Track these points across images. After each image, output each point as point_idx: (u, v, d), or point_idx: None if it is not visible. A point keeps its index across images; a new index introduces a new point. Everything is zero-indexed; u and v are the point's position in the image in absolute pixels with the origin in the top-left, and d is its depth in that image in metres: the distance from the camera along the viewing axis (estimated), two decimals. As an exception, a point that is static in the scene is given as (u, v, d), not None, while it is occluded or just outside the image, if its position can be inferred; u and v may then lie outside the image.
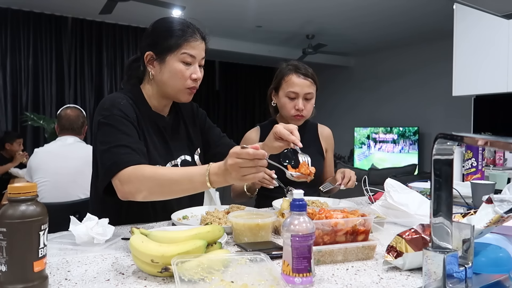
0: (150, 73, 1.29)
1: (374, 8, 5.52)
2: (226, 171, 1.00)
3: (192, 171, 1.07)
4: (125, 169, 1.11)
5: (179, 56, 1.25)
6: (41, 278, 0.73)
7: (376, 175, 4.68)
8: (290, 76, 1.71)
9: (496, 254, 0.86)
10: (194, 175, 1.06)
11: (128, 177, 1.10)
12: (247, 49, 7.63)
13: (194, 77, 1.27)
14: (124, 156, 1.13)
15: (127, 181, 1.10)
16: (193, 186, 1.07)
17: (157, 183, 1.09)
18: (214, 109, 9.27)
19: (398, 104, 7.93)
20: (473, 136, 0.65)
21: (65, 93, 6.28)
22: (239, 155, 0.97)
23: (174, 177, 1.08)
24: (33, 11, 5.95)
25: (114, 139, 1.16)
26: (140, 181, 1.09)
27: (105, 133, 1.18)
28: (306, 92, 1.70)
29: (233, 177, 1.00)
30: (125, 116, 1.20)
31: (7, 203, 0.72)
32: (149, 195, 1.11)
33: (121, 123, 1.19)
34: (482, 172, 1.92)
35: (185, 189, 1.09)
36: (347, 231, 0.93)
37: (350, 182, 1.61)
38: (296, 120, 1.74)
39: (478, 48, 3.74)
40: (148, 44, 1.28)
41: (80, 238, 1.03)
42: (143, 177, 1.09)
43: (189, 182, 1.07)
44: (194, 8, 5.54)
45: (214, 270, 0.76)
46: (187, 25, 1.28)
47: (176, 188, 1.09)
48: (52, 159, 2.49)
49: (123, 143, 1.15)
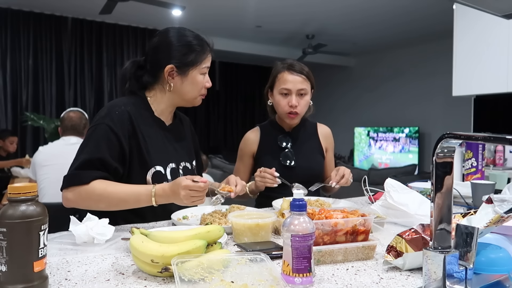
0: (168, 84, 1.35)
1: (374, 8, 5.52)
2: (174, 195, 1.17)
3: (139, 191, 1.21)
4: (80, 186, 1.21)
5: (200, 69, 1.36)
6: (41, 278, 0.73)
7: (376, 175, 4.69)
8: (282, 73, 1.70)
9: (496, 254, 0.86)
10: (141, 195, 1.20)
11: (79, 193, 1.21)
12: (247, 49, 7.63)
13: (208, 86, 1.41)
14: (85, 173, 1.21)
15: (78, 196, 1.21)
16: (139, 204, 1.22)
17: (107, 202, 1.22)
18: (214, 109, 9.27)
19: (398, 104, 7.94)
20: (480, 135, 0.65)
21: (65, 93, 6.28)
22: (191, 188, 1.14)
23: (122, 196, 1.21)
24: (33, 11, 5.95)
25: (90, 149, 1.24)
26: (90, 199, 1.21)
27: (88, 139, 1.27)
28: (299, 88, 1.68)
29: (184, 203, 1.17)
30: (113, 129, 1.26)
31: (7, 203, 0.72)
32: (96, 209, 1.23)
33: (104, 136, 1.25)
34: (482, 172, 1.92)
35: (131, 206, 1.23)
36: (347, 231, 0.93)
37: (343, 180, 1.57)
38: (291, 118, 1.72)
39: (478, 48, 3.74)
40: (167, 58, 1.34)
41: (80, 238, 1.03)
42: (94, 194, 1.20)
43: (135, 201, 1.22)
44: (194, 8, 5.54)
45: (214, 270, 0.76)
46: (201, 38, 1.39)
47: (123, 206, 1.23)
48: (56, 156, 2.60)
49: (95, 156, 1.23)
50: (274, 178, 1.55)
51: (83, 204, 1.22)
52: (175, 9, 5.17)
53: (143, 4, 4.78)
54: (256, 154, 1.80)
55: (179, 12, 5.49)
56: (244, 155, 1.82)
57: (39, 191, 2.57)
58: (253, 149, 1.80)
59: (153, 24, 6.65)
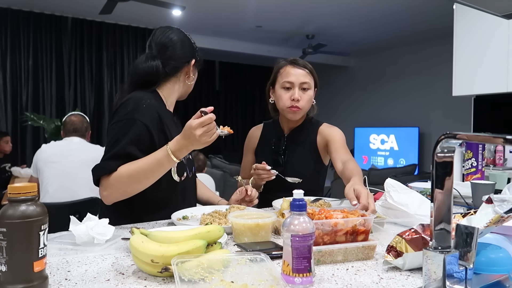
0: (188, 77, 1.46)
1: (374, 8, 5.52)
2: (189, 140, 1.18)
3: (157, 156, 1.22)
4: (108, 177, 1.23)
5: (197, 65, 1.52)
6: (41, 278, 0.73)
7: (376, 175, 4.69)
8: (285, 68, 1.66)
9: (496, 254, 0.86)
10: (160, 158, 1.21)
11: (110, 184, 1.22)
12: (247, 49, 7.63)
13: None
14: (110, 162, 1.23)
15: (110, 187, 1.23)
16: (164, 167, 1.24)
17: (137, 179, 1.23)
18: (214, 109, 9.25)
19: (398, 104, 7.94)
20: (479, 135, 0.65)
21: (65, 93, 6.28)
22: (203, 123, 1.15)
23: (146, 167, 1.22)
24: (33, 11, 5.95)
25: (120, 144, 1.25)
26: (122, 184, 1.22)
27: (118, 134, 1.27)
28: (301, 82, 1.63)
29: (201, 143, 1.18)
30: (144, 123, 1.28)
31: (7, 203, 0.72)
32: (133, 192, 1.25)
33: (135, 131, 1.26)
34: (482, 172, 1.92)
35: (159, 173, 1.24)
36: (347, 231, 0.94)
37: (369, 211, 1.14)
38: (293, 113, 1.65)
39: (478, 48, 3.73)
40: (191, 52, 1.46)
41: (80, 238, 1.03)
42: (123, 178, 1.22)
43: (159, 166, 1.22)
44: (194, 8, 5.54)
45: (214, 270, 0.76)
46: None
47: (152, 176, 1.24)
48: (59, 154, 2.66)
49: (124, 151, 1.24)
50: (269, 171, 1.54)
51: (119, 192, 1.24)
52: (175, 9, 5.17)
53: (143, 4, 4.78)
54: (256, 150, 1.80)
55: (179, 12, 5.49)
56: (247, 150, 1.84)
57: (41, 188, 2.59)
58: (254, 145, 1.81)
59: (153, 24, 6.65)
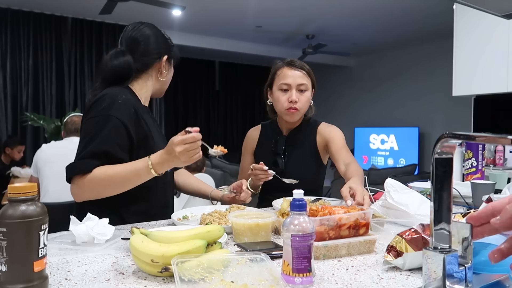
0: (160, 73, 1.44)
1: (374, 8, 5.52)
2: (170, 156, 1.15)
3: (136, 167, 1.21)
4: (82, 177, 1.21)
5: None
6: (41, 278, 0.73)
7: (376, 175, 4.68)
8: (282, 69, 1.66)
9: (496, 254, 0.85)
10: (139, 169, 1.20)
11: (83, 184, 1.21)
12: (247, 49, 7.63)
13: None
14: (86, 161, 1.21)
15: (83, 187, 1.22)
16: (141, 179, 1.22)
17: (111, 185, 1.22)
18: (214, 109, 9.27)
19: (398, 104, 7.94)
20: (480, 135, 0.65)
21: (65, 93, 6.28)
22: (185, 141, 1.13)
23: (123, 175, 1.21)
24: (33, 11, 5.95)
25: (96, 141, 1.23)
26: (95, 186, 1.21)
27: (92, 131, 1.25)
28: (299, 83, 1.63)
29: (182, 161, 1.15)
30: (120, 120, 1.26)
31: (7, 203, 0.72)
32: (105, 195, 1.24)
33: (111, 127, 1.24)
34: (482, 172, 1.92)
35: (135, 182, 1.23)
36: (350, 225, 0.99)
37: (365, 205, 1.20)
38: (291, 115, 1.66)
39: (478, 48, 3.74)
40: (164, 48, 1.44)
41: (80, 238, 1.03)
42: (97, 180, 1.20)
43: (136, 176, 1.21)
44: (194, 8, 5.54)
45: (214, 270, 0.76)
46: None
47: (128, 185, 1.23)
48: (59, 154, 2.67)
49: (100, 148, 1.22)
50: (266, 172, 1.54)
51: (91, 193, 1.23)
52: (175, 9, 5.17)
53: (143, 4, 4.78)
54: (255, 152, 1.80)
55: (179, 12, 5.49)
56: (246, 152, 1.83)
57: (42, 188, 2.60)
58: (253, 146, 1.81)
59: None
